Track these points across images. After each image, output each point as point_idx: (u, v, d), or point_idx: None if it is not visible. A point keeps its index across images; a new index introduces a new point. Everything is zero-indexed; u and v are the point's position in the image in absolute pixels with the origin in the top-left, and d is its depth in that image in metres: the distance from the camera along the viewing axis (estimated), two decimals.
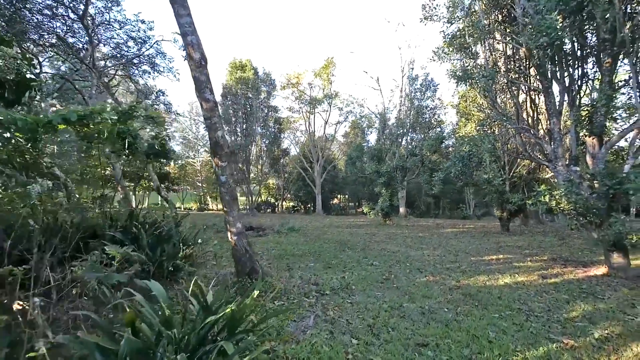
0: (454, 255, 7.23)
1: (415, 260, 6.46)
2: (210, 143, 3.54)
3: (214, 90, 3.42)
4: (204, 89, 3.32)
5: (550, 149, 6.40)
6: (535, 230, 14.44)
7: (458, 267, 5.82)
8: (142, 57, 11.73)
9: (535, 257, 7.23)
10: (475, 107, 8.86)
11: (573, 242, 9.79)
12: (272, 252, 7.07)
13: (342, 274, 5.03)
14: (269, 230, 11.55)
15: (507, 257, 7.06)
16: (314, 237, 9.95)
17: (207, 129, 3.48)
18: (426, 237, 10.53)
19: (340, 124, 29.20)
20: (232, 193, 3.70)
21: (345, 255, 6.79)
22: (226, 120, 22.59)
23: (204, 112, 3.43)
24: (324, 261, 6.13)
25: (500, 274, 5.41)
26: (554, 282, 5.01)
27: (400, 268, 5.66)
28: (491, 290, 4.43)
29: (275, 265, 5.56)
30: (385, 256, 6.79)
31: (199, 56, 3.27)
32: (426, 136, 16.98)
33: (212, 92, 3.41)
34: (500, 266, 6.10)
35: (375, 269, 5.47)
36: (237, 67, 21.41)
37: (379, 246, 8.28)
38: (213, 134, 3.45)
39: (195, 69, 3.31)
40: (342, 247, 8.01)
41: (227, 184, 3.64)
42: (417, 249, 8.04)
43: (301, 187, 32.89)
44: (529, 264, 6.42)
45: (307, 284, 4.23)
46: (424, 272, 5.38)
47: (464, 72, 7.03)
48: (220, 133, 3.48)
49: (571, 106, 6.50)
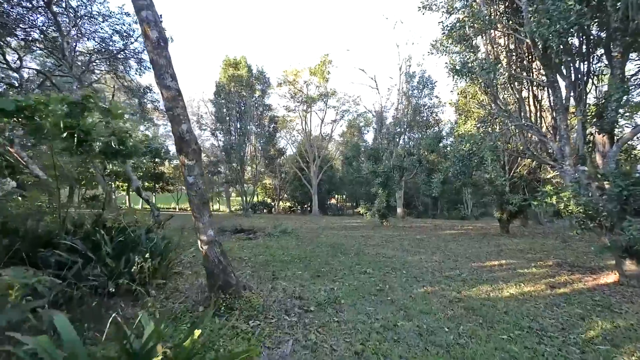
0: (454, 260, 6.79)
1: (412, 266, 6.01)
2: (174, 138, 3.05)
3: (176, 77, 2.92)
4: (164, 75, 2.83)
5: (556, 147, 5.97)
6: (535, 232, 14.08)
7: (458, 275, 5.38)
8: (128, 51, 11.17)
9: (540, 262, 6.82)
10: (475, 103, 8.43)
11: (576, 246, 9.40)
12: (259, 257, 6.58)
13: (331, 285, 4.56)
14: (261, 232, 11.06)
15: (509, 263, 6.63)
16: (306, 240, 9.47)
17: (169, 121, 3.00)
18: (424, 240, 10.10)
19: (337, 122, 28.76)
20: (201, 196, 3.21)
21: (337, 262, 6.32)
22: (220, 119, 22.04)
23: (165, 102, 2.93)
24: (314, 268, 5.65)
25: (504, 282, 4.97)
26: (564, 292, 4.58)
27: (396, 276, 5.20)
28: (496, 304, 3.98)
29: (258, 274, 5.07)
30: (380, 262, 6.33)
31: (156, 35, 2.78)
32: (424, 135, 16.57)
33: (175, 78, 2.91)
34: (504, 273, 5.67)
35: (368, 278, 5.01)
36: (231, 65, 20.85)
37: (374, 250, 7.82)
38: (177, 127, 2.96)
39: (152, 51, 2.83)
40: (334, 251, 7.54)
41: (196, 186, 3.15)
42: (414, 253, 7.59)
43: (297, 187, 32.41)
44: (534, 270, 5.99)
45: (290, 298, 3.75)
46: (422, 282, 4.92)
47: (463, 65, 6.59)
48: (186, 127, 2.99)
49: (578, 102, 6.08)
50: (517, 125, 6.56)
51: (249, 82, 21.29)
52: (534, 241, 10.38)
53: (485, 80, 6.98)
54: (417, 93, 17.46)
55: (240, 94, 21.38)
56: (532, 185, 11.79)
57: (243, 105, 21.95)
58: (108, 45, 11.97)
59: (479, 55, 7.47)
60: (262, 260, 6.34)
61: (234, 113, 21.69)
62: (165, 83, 2.86)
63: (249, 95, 21.78)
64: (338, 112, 27.71)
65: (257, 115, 23.27)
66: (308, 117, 28.21)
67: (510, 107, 7.21)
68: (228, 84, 20.83)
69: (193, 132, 3.15)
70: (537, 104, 7.48)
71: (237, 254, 6.84)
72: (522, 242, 10.06)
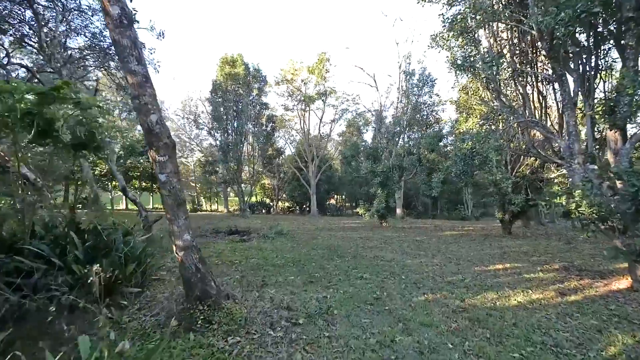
0: (456, 264, 6.45)
1: (412, 271, 5.67)
2: (143, 131, 2.71)
3: (144, 60, 2.55)
4: (128, 57, 2.48)
5: (564, 144, 5.64)
6: (538, 233, 13.76)
7: (461, 281, 5.04)
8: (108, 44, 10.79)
9: (546, 265, 6.48)
10: (476, 100, 8.09)
11: (582, 248, 9.08)
12: (251, 261, 6.24)
13: (324, 292, 4.21)
14: (255, 234, 10.71)
15: (514, 267, 6.30)
16: (302, 242, 9.12)
17: (136, 111, 2.64)
18: (424, 242, 9.76)
19: (336, 121, 28.42)
20: (176, 196, 2.87)
21: (333, 265, 5.98)
22: (217, 117, 21.68)
23: (131, 89, 2.58)
24: (307, 273, 5.31)
25: (510, 289, 4.63)
26: (575, 300, 4.24)
27: (395, 282, 4.86)
28: (503, 314, 3.65)
29: (247, 280, 4.73)
30: (378, 266, 5.99)
31: (118, 11, 2.43)
32: (424, 134, 16.23)
33: (142, 61, 2.54)
34: (509, 278, 5.33)
35: (365, 284, 4.67)
36: (228, 63, 20.49)
37: (372, 253, 7.48)
38: (144, 118, 2.61)
39: (114, 30, 2.48)
40: (331, 254, 7.20)
41: (169, 185, 2.81)
42: (414, 256, 7.25)
43: (296, 187, 32.06)
44: (541, 275, 5.66)
45: (277, 308, 3.41)
46: (422, 288, 4.58)
47: (464, 60, 6.25)
48: (155, 117, 2.64)
49: (586, 96, 5.75)
50: (522, 122, 6.22)
51: (246, 80, 20.94)
52: (538, 243, 10.06)
53: (487, 75, 6.66)
54: (417, 91, 17.13)
55: (237, 92, 21.04)
56: (534, 185, 11.48)
57: (240, 104, 21.61)
58: (99, 41, 11.63)
59: (481, 49, 7.15)
60: (253, 264, 6.00)
61: (231, 112, 21.34)
62: (129, 67, 2.51)
63: (246, 93, 21.44)
64: (337, 112, 27.41)
65: (254, 113, 22.92)
66: (306, 116, 27.90)
67: (514, 104, 6.87)
68: (225, 82, 20.48)
69: (165, 124, 2.81)
70: (542, 100, 7.16)
71: (227, 258, 6.50)
72: (525, 244, 9.74)
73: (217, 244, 8.48)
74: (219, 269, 5.49)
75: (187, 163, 41.30)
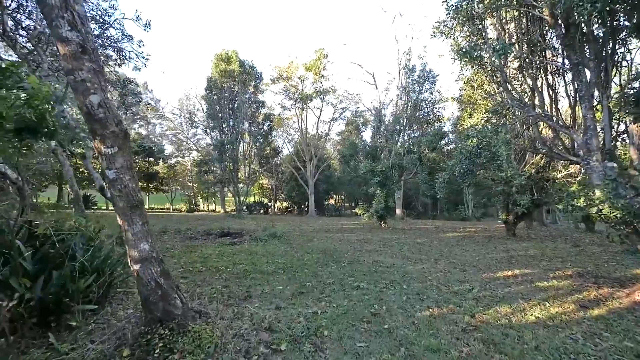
0: (461, 270, 5.95)
1: (414, 279, 5.16)
2: (82, 115, 2.17)
3: (84, 25, 1.98)
4: (57, 20, 1.93)
5: (580, 140, 5.15)
6: (542, 235, 13.29)
7: (469, 291, 4.53)
8: (103, 39, 10.28)
9: (558, 272, 5.99)
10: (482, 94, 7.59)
11: (591, 251, 8.60)
12: (238, 267, 5.72)
13: (315, 306, 3.70)
14: (248, 236, 10.19)
15: (524, 273, 5.80)
16: (296, 245, 8.60)
17: (72, 90, 2.11)
18: (425, 245, 9.26)
19: (335, 120, 27.92)
20: (129, 196, 2.35)
21: (327, 272, 5.46)
22: (212, 115, 21.15)
23: (63, 62, 2.04)
24: (298, 282, 4.79)
25: (525, 301, 4.13)
26: (600, 314, 3.74)
27: (395, 293, 4.35)
28: (522, 333, 3.14)
29: (229, 291, 4.21)
30: (377, 273, 5.48)
31: None
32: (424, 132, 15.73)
33: (76, 26, 1.98)
34: (521, 287, 4.83)
35: (361, 296, 4.15)
36: (223, 59, 19.95)
37: (370, 258, 6.97)
38: (82, 99, 2.08)
39: None
40: (326, 259, 6.69)
41: (120, 183, 2.29)
42: (415, 261, 6.75)
43: (294, 187, 31.55)
44: (555, 283, 5.16)
45: (257, 329, 2.89)
46: (426, 300, 4.07)
47: (471, 48, 5.74)
48: (97, 99, 2.11)
49: (604, 87, 5.26)
50: (533, 115, 5.72)
51: (242, 77, 20.41)
52: (544, 245, 9.58)
53: (495, 66, 6.16)
54: (417, 87, 16.63)
55: (232, 89, 20.51)
56: (540, 184, 10.99)
57: (236, 102, 21.09)
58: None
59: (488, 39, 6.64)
60: (240, 270, 5.48)
61: (227, 109, 20.81)
62: (59, 33, 1.98)
63: (242, 91, 20.91)
64: (336, 110, 26.91)
65: (250, 112, 22.39)
66: (304, 115, 27.38)
67: (523, 97, 6.37)
68: (220, 79, 19.94)
69: (113, 108, 2.27)
70: (553, 93, 6.67)
71: (213, 263, 5.98)
72: (531, 247, 9.25)
73: (205, 247, 7.96)
74: (201, 277, 4.98)
75: (184, 163, 40.75)
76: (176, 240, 9.05)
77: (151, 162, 35.35)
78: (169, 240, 8.95)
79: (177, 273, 5.17)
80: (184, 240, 9.14)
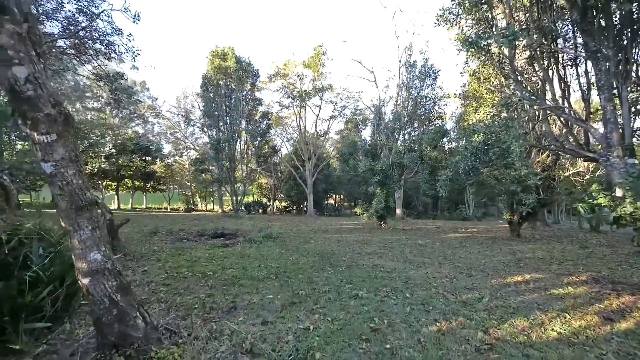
0: (467, 275, 5.53)
1: (418, 285, 4.73)
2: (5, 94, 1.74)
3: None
4: None
5: (600, 134, 4.73)
6: (546, 235, 12.89)
7: (479, 300, 4.11)
8: (91, 31, 9.82)
9: (571, 277, 5.57)
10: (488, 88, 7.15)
11: (600, 253, 8.21)
12: (227, 272, 5.29)
13: (307, 320, 3.27)
14: (242, 237, 9.76)
15: (536, 278, 5.38)
16: (292, 247, 8.18)
17: None
18: (427, 246, 8.84)
19: (334, 118, 27.47)
20: (74, 196, 1.91)
21: (323, 278, 5.04)
22: (208, 113, 20.68)
23: None
24: (291, 289, 4.37)
25: (542, 312, 3.71)
26: (628, 328, 3.32)
27: (397, 303, 3.92)
28: (545, 353, 2.72)
29: (213, 301, 3.78)
30: (377, 279, 5.05)
31: None
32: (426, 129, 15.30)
33: None
34: (535, 295, 4.41)
35: (360, 306, 3.73)
36: (218, 56, 19.46)
37: (370, 261, 6.55)
38: (3, 72, 1.65)
39: None
40: (322, 263, 6.26)
41: (61, 179, 1.86)
42: (418, 264, 6.32)
43: (293, 186, 31.12)
44: (570, 289, 4.74)
45: (236, 352, 2.46)
46: (432, 312, 3.65)
47: (478, 37, 5.31)
48: (23, 72, 1.65)
49: (624, 78, 4.83)
50: (546, 108, 5.29)
51: (238, 74, 19.94)
52: (551, 247, 9.16)
53: (504, 56, 5.73)
54: (418, 83, 16.18)
55: (229, 86, 20.04)
56: (546, 183, 10.59)
57: (234, 99, 20.62)
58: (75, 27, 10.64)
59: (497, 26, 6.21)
60: (229, 276, 5.05)
61: (223, 107, 20.35)
62: None
63: (238, 88, 20.44)
64: (335, 108, 26.45)
65: (247, 109, 21.93)
66: (303, 113, 26.93)
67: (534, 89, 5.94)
68: (215, 75, 19.46)
69: (47, 85, 1.83)
70: (565, 86, 6.25)
71: (201, 268, 5.55)
72: (537, 248, 8.84)
73: (196, 249, 7.53)
74: (184, 284, 4.55)
75: (182, 162, 40.27)
76: (166, 242, 8.62)
77: (148, 161, 34.89)
78: (158, 242, 8.51)
79: (160, 279, 4.74)
80: (175, 242, 8.71)
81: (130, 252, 6.62)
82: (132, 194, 37.87)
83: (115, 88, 11.35)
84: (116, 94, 11.60)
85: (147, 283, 4.55)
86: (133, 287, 4.31)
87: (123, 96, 12.06)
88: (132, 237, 9.28)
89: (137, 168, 33.51)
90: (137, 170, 33.60)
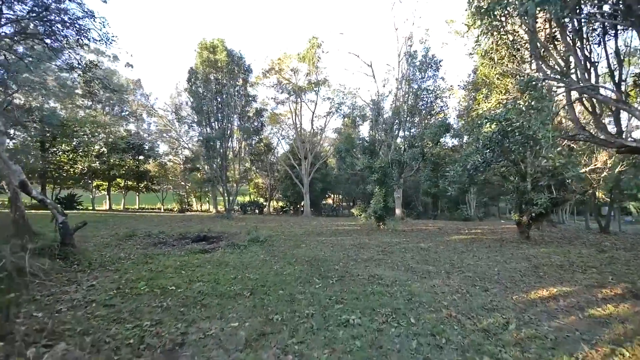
0: (482, 288, 4.64)
1: (424, 305, 3.83)
2: None
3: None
4: None
5: None
6: (556, 237, 12.08)
7: (504, 327, 3.21)
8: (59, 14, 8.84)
9: (604, 289, 4.71)
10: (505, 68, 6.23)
11: (622, 257, 7.41)
12: (194, 287, 4.37)
13: None
14: (227, 241, 8.84)
15: (564, 293, 4.51)
16: (279, 253, 7.26)
17: None
18: (431, 250, 7.96)
19: (331, 114, 26.55)
20: None
21: (309, 295, 4.13)
22: (197, 109, 19.70)
23: None
24: (264, 313, 3.45)
25: (589, 346, 2.82)
26: None
27: (400, 333, 3.02)
28: None
29: (156, 332, 2.87)
30: (374, 295, 4.15)
31: None
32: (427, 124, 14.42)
33: None
34: (572, 319, 3.52)
35: (350, 339, 2.83)
36: (207, 48, 18.48)
37: (366, 270, 5.65)
38: None
39: None
40: (310, 273, 5.35)
41: None
42: (422, 274, 5.43)
43: (289, 186, 30.16)
44: (611, 309, 3.86)
45: None
46: (446, 347, 2.75)
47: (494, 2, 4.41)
48: None
49: None
50: (577, 89, 4.40)
51: (229, 68, 18.96)
52: (566, 250, 8.31)
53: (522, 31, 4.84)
54: (419, 75, 15.30)
55: (220, 81, 19.07)
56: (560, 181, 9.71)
57: (225, 94, 19.65)
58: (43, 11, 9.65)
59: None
60: (194, 292, 4.14)
61: (214, 103, 19.37)
62: None
63: (230, 83, 19.47)
64: (332, 105, 25.53)
65: (240, 106, 20.97)
66: (298, 110, 26.00)
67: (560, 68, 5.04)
68: (204, 69, 18.48)
69: None
70: (591, 65, 5.37)
71: (165, 281, 4.63)
72: (552, 252, 7.98)
73: (168, 256, 6.60)
74: (133, 305, 3.63)
75: (176, 161, 39.25)
76: (138, 247, 7.68)
77: (141, 160, 33.87)
78: (129, 248, 7.58)
79: (104, 298, 3.81)
80: (148, 247, 7.77)
81: (87, 260, 5.68)
82: (125, 194, 36.83)
83: (89, 79, 10.36)
84: (90, 85, 10.63)
85: (86, 304, 3.63)
86: (64, 309, 3.40)
87: (99, 88, 11.08)
88: (104, 241, 8.34)
89: (130, 167, 32.51)
90: (129, 169, 32.61)
